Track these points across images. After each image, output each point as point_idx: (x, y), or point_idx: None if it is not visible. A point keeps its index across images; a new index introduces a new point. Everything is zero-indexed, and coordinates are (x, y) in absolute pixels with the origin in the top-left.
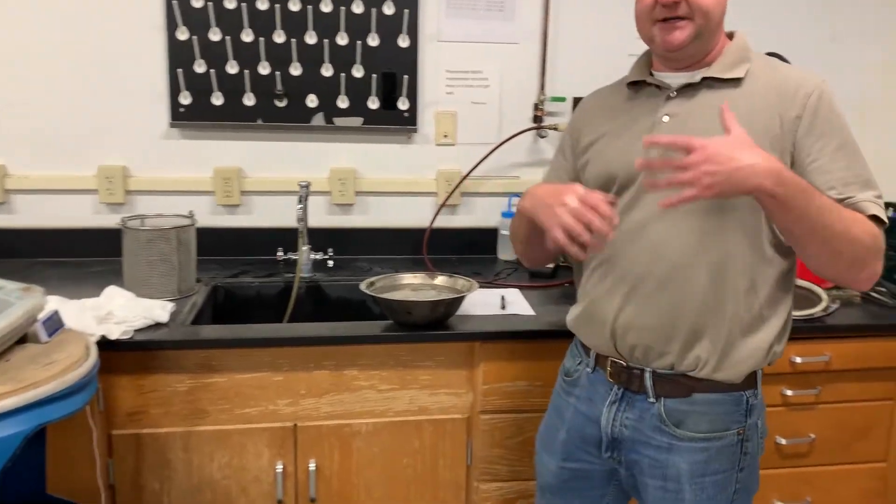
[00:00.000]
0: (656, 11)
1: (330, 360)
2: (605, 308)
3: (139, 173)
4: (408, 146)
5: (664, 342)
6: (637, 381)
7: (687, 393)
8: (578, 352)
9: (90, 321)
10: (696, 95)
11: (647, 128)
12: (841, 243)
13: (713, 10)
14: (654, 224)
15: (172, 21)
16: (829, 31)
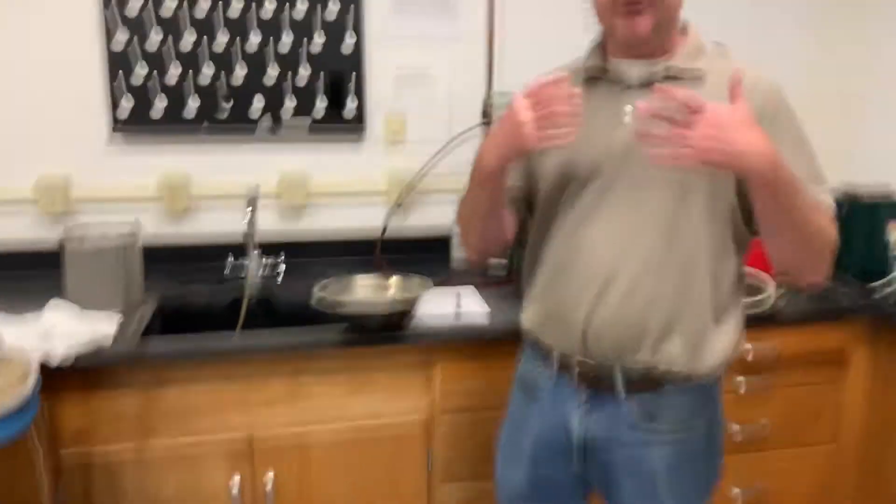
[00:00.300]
0: (618, 0)
1: (284, 369)
2: (574, 309)
3: (81, 183)
4: (358, 147)
5: (637, 340)
6: (607, 381)
7: (657, 388)
8: (535, 359)
9: (32, 338)
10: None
11: (607, 122)
12: (812, 233)
13: (673, 2)
14: (621, 219)
15: (111, 23)
16: (762, 22)
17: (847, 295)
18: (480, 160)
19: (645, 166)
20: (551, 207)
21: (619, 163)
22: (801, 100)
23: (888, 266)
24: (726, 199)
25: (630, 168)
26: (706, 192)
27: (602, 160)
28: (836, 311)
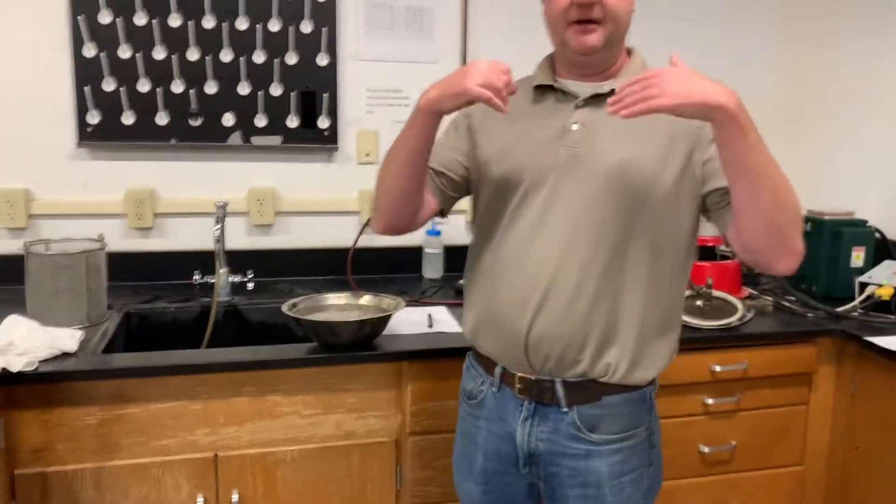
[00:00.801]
0: (571, 13)
1: (250, 387)
2: (517, 317)
3: (43, 196)
4: (329, 165)
5: (577, 350)
6: (549, 393)
7: (597, 397)
8: (478, 371)
9: None
10: (603, 105)
11: (555, 134)
12: (784, 193)
13: (624, 18)
14: (565, 228)
15: (79, 37)
16: (729, 58)
17: (813, 317)
18: (421, 96)
19: (588, 172)
20: (495, 214)
21: (565, 172)
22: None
23: (853, 289)
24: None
25: (576, 178)
26: (653, 201)
27: (548, 169)
28: (802, 332)
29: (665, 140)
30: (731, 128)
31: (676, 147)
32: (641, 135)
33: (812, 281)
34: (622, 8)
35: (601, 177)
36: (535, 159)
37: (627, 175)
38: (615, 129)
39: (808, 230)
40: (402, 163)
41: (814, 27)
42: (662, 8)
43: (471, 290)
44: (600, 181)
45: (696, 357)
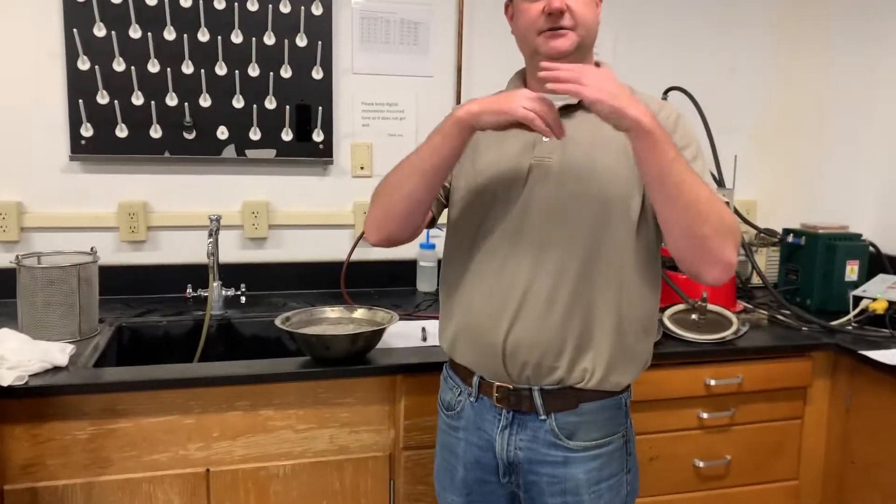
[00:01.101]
0: (541, 22)
1: (244, 401)
2: (492, 329)
3: (36, 209)
4: (324, 178)
5: (553, 357)
6: (526, 402)
7: (575, 405)
8: (455, 382)
9: None
10: (574, 115)
11: (527, 145)
12: (707, 207)
13: (592, 26)
14: (540, 237)
15: (73, 49)
16: (728, 65)
17: (808, 331)
18: (457, 109)
19: (561, 181)
20: (468, 224)
21: (536, 182)
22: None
23: (847, 302)
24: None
25: (547, 187)
26: (619, 202)
27: (520, 180)
28: (797, 346)
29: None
30: (645, 141)
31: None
32: (609, 146)
33: (806, 295)
34: (590, 16)
35: (572, 188)
36: (507, 170)
37: (597, 189)
38: (584, 140)
39: (802, 243)
40: (425, 171)
41: (807, 39)
42: (657, 17)
43: (446, 301)
44: (570, 190)
45: (690, 371)
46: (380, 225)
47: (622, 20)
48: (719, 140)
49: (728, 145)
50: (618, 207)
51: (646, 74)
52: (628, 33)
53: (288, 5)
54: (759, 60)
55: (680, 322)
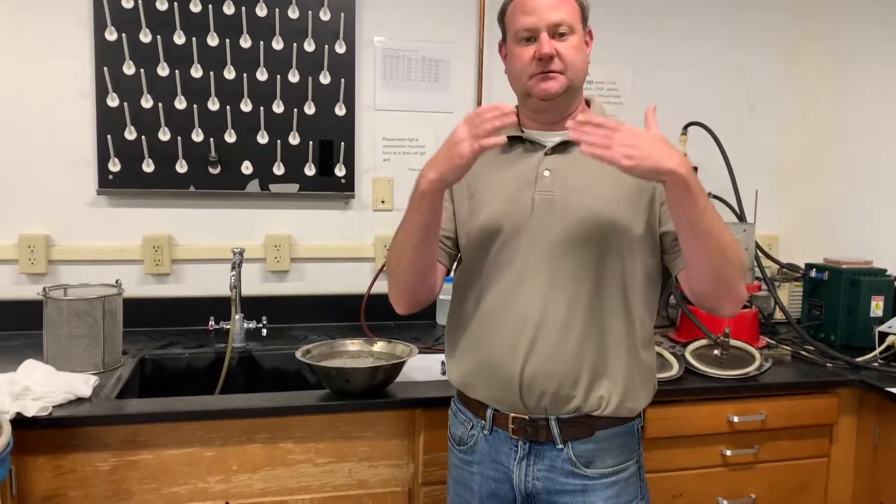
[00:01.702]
0: (533, 66)
1: (264, 433)
2: (508, 362)
3: (63, 242)
4: (345, 212)
5: (570, 386)
6: (543, 431)
7: (591, 432)
8: (466, 416)
9: (4, 397)
10: (570, 151)
11: (528, 181)
12: (730, 248)
13: (581, 69)
14: (548, 269)
15: (103, 87)
16: (747, 100)
17: (833, 367)
18: (420, 179)
19: (564, 215)
20: (475, 263)
21: (541, 216)
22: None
23: (873, 338)
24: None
25: (552, 221)
26: (622, 233)
27: (524, 215)
28: (822, 383)
29: (632, 186)
30: (680, 191)
31: (643, 192)
32: (610, 181)
33: (831, 330)
34: (579, 59)
35: (576, 220)
36: (511, 207)
37: (600, 220)
38: (585, 175)
39: (825, 279)
40: (416, 244)
41: (824, 74)
42: (676, 53)
43: (455, 339)
44: (575, 224)
45: (713, 407)
46: (399, 297)
47: (641, 56)
48: (740, 175)
49: (748, 180)
50: (620, 236)
51: (665, 109)
52: (647, 69)
53: (312, 44)
54: (777, 96)
55: (702, 357)
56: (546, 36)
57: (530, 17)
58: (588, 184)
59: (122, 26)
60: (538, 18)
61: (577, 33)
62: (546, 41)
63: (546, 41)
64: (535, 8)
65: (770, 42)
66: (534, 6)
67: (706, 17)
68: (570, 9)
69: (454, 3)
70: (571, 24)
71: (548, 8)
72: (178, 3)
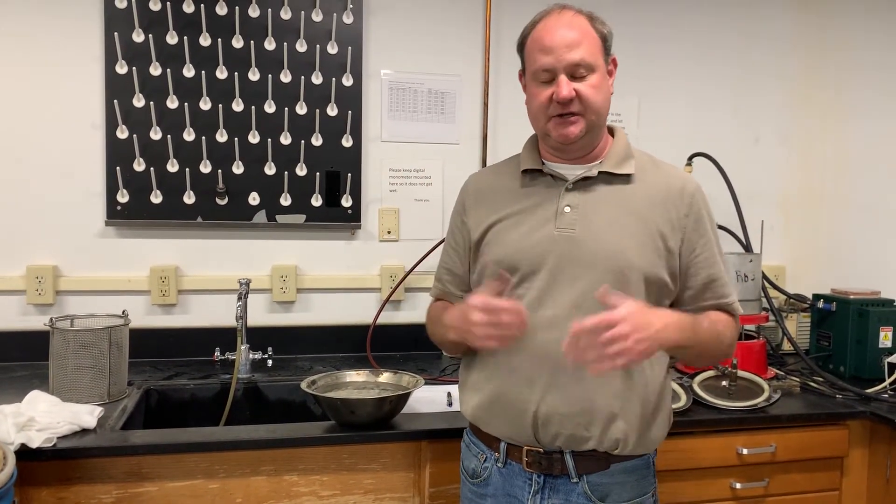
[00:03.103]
0: (551, 108)
1: (268, 465)
2: (523, 397)
3: (71, 273)
4: (351, 242)
5: (585, 428)
6: (558, 465)
7: (606, 466)
8: (479, 448)
9: (9, 428)
10: (593, 188)
11: (548, 217)
12: (714, 348)
13: (602, 108)
14: (566, 306)
15: (112, 119)
16: (754, 134)
17: (842, 399)
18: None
19: (584, 254)
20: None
21: (561, 253)
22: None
23: (882, 369)
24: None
25: (571, 256)
26: (641, 276)
27: (545, 251)
28: (831, 414)
29: (655, 230)
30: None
31: (666, 236)
32: (634, 222)
33: (839, 361)
34: (600, 99)
35: (599, 258)
36: (531, 242)
37: (621, 262)
38: (608, 214)
39: (833, 309)
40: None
41: (828, 105)
42: (681, 85)
43: (470, 371)
44: (599, 262)
45: (722, 439)
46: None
47: (646, 88)
48: (745, 206)
49: (754, 210)
50: (641, 279)
51: (670, 140)
52: (652, 100)
53: (320, 77)
54: (782, 127)
55: (710, 389)
56: (564, 78)
57: (548, 56)
58: (612, 224)
59: (132, 60)
60: (556, 59)
61: (598, 70)
62: (564, 83)
63: (564, 83)
64: (553, 47)
65: (776, 73)
66: (552, 45)
67: (712, 47)
68: (589, 45)
69: (460, 37)
70: (591, 63)
71: (566, 47)
72: (187, 37)
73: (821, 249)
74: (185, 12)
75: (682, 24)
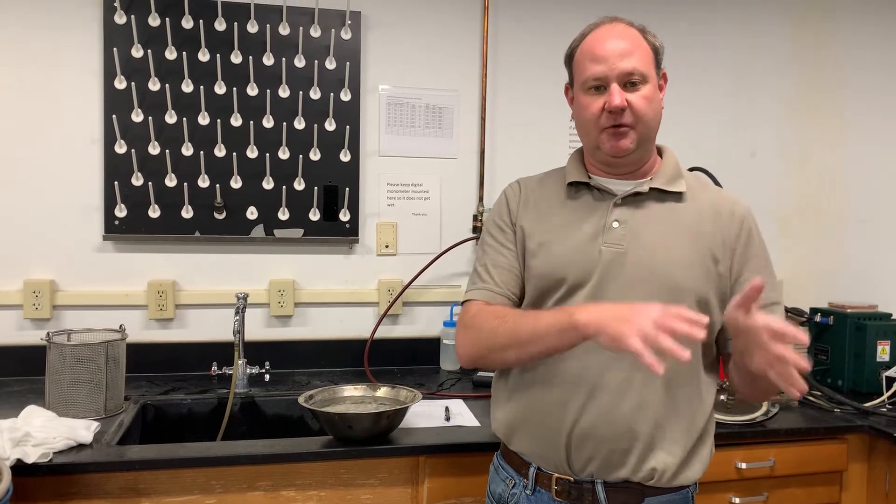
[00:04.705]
0: (603, 119)
1: (265, 481)
2: (557, 416)
3: (69, 287)
4: (349, 256)
5: (621, 454)
6: (588, 496)
7: (640, 500)
8: (508, 473)
9: (5, 443)
10: (644, 204)
11: (595, 232)
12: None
13: (654, 120)
14: None
15: (111, 134)
16: (750, 148)
17: (841, 413)
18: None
19: (633, 271)
20: (535, 308)
21: (608, 270)
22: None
23: (880, 383)
24: (708, 303)
25: (619, 273)
26: (694, 297)
27: (591, 266)
28: (830, 428)
29: (706, 251)
30: None
31: (717, 258)
32: (686, 242)
33: (837, 375)
34: (651, 111)
35: (645, 278)
36: (577, 256)
37: (670, 281)
38: (658, 231)
39: (831, 323)
40: (536, 354)
41: (825, 119)
42: (677, 98)
43: (504, 385)
44: (644, 282)
45: (720, 454)
46: (475, 362)
47: None
48: None
49: None
50: (689, 299)
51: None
52: None
53: (318, 91)
54: (778, 141)
55: None
56: (616, 86)
57: (600, 65)
58: (661, 242)
59: (131, 75)
60: (608, 67)
61: (651, 81)
62: (617, 92)
63: (617, 92)
64: (606, 56)
65: (772, 88)
66: (604, 53)
67: (709, 61)
68: (642, 54)
69: (458, 53)
70: (644, 73)
71: (619, 55)
72: (186, 52)
73: (818, 263)
74: (183, 28)
75: (677, 39)
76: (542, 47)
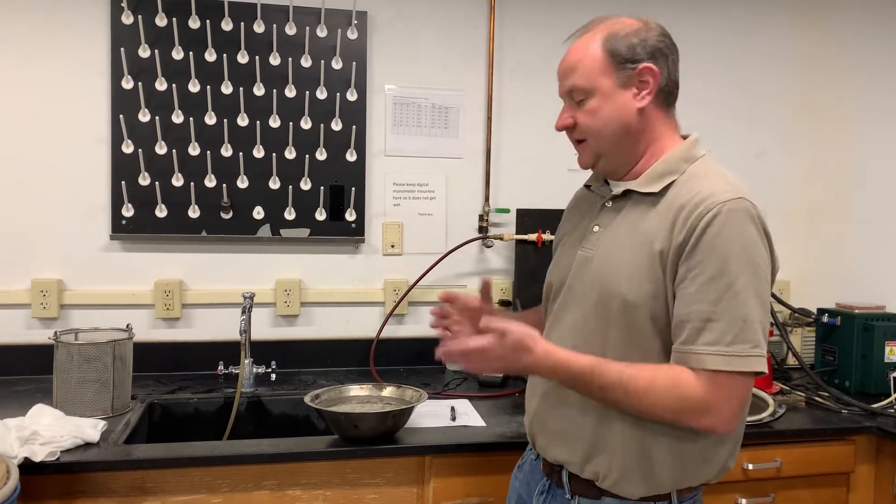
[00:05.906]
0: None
1: (271, 480)
2: (528, 405)
3: (76, 286)
4: (355, 256)
5: (568, 453)
6: (556, 476)
7: (597, 496)
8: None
9: (13, 442)
10: (624, 207)
11: (581, 235)
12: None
13: (603, 130)
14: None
15: (118, 134)
16: (756, 148)
17: (848, 414)
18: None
19: (590, 278)
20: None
21: (576, 274)
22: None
23: (888, 384)
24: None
25: (582, 278)
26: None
27: (566, 271)
28: (837, 429)
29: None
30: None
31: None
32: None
33: (845, 376)
34: (599, 123)
35: (600, 281)
36: (562, 261)
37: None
38: (620, 236)
39: (838, 323)
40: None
41: (831, 119)
42: (683, 99)
43: None
44: (599, 285)
45: None
46: None
47: None
48: None
49: None
50: (638, 308)
51: None
52: None
53: (324, 91)
54: (784, 141)
55: None
56: (565, 107)
57: (558, 82)
58: (621, 247)
59: (138, 75)
60: (559, 87)
61: (597, 93)
62: (563, 111)
63: (563, 111)
64: (558, 75)
65: (777, 87)
66: (559, 72)
67: (715, 61)
68: (585, 68)
69: (464, 52)
70: (584, 87)
71: (563, 74)
72: (193, 53)
73: (825, 263)
74: (190, 28)
75: (682, 39)
76: (549, 46)
